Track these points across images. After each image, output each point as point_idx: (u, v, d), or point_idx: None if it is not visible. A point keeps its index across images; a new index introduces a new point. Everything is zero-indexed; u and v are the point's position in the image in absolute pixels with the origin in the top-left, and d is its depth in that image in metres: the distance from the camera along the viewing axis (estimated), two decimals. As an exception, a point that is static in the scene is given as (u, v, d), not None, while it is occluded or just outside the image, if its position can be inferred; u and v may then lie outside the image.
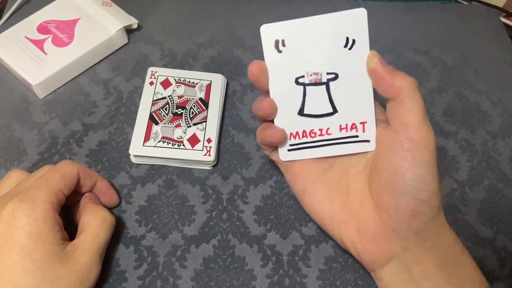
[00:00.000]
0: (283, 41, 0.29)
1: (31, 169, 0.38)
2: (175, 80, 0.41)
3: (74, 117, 0.41)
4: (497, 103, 0.45)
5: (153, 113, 0.39)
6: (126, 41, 0.47)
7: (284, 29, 0.28)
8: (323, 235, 0.36)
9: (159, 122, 0.39)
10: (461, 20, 0.52)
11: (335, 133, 0.31)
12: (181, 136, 0.38)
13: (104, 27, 0.45)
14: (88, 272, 0.29)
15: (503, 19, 0.52)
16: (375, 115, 0.30)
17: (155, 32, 0.48)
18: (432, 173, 0.26)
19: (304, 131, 0.31)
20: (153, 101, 0.40)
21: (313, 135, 0.31)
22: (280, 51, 0.29)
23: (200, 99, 0.41)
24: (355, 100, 0.30)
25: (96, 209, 0.32)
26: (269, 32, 0.29)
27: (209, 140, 0.38)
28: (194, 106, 0.40)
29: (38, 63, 0.42)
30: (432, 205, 0.27)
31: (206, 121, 0.39)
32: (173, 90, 0.41)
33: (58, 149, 0.39)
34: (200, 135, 0.39)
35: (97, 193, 0.35)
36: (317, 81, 0.29)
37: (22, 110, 0.42)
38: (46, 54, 0.42)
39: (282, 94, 0.30)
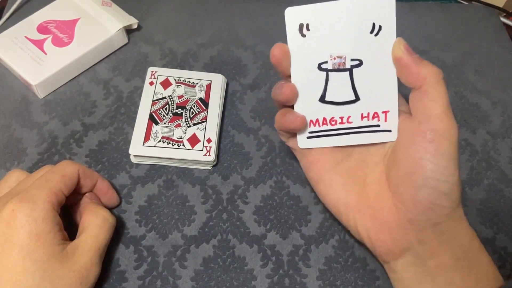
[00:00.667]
0: (307, 25, 0.28)
1: (31, 169, 0.38)
2: (175, 80, 0.41)
3: (74, 117, 0.41)
4: (497, 103, 0.45)
5: (153, 113, 0.39)
6: (126, 41, 0.47)
7: (309, 13, 0.28)
8: (323, 235, 0.36)
9: (159, 122, 0.39)
10: (461, 20, 0.52)
11: (356, 122, 0.30)
12: (181, 136, 0.38)
13: (104, 27, 0.45)
14: (88, 272, 0.29)
15: (503, 19, 0.52)
16: (399, 104, 0.29)
17: (155, 32, 0.48)
18: (453, 165, 0.26)
19: (324, 119, 0.30)
20: (153, 101, 0.40)
21: (333, 123, 0.30)
22: (304, 35, 0.28)
23: (200, 99, 0.40)
24: (379, 88, 0.29)
25: (97, 209, 0.32)
26: (293, 15, 0.28)
27: (209, 140, 0.38)
28: (194, 106, 0.40)
29: (38, 63, 0.42)
30: (452, 197, 0.26)
31: (206, 121, 0.39)
32: (173, 90, 0.41)
33: (58, 149, 0.39)
34: (200, 135, 0.38)
35: (97, 193, 0.35)
36: (341, 65, 0.29)
37: (22, 110, 0.42)
38: (46, 54, 0.42)
39: (304, 80, 0.29)
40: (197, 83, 0.41)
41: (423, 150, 0.26)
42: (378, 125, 0.30)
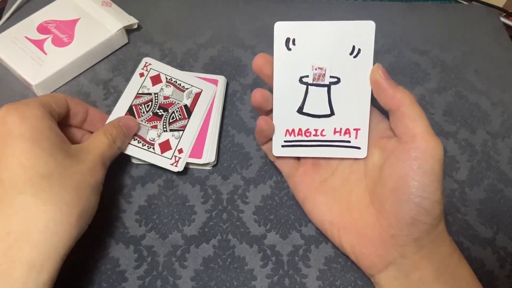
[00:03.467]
0: (293, 39, 0.30)
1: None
2: (166, 78, 0.40)
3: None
4: (497, 103, 0.45)
5: (133, 106, 0.38)
6: (126, 41, 0.47)
7: (297, 29, 0.30)
8: (323, 235, 0.36)
9: (137, 118, 0.38)
10: (461, 20, 0.52)
11: (329, 135, 0.32)
12: (153, 139, 0.37)
13: (104, 27, 0.45)
14: (94, 171, 0.30)
15: (503, 19, 0.52)
16: (383, 127, 0.31)
17: (155, 32, 0.48)
18: (436, 182, 0.27)
19: (300, 129, 0.32)
20: (137, 93, 0.39)
21: (308, 134, 0.32)
22: (289, 49, 0.30)
23: (185, 106, 0.39)
24: (353, 106, 0.31)
25: (107, 128, 0.34)
26: (282, 29, 0.30)
27: (180, 151, 0.37)
28: (176, 111, 0.38)
29: (38, 63, 0.42)
30: (433, 214, 0.27)
31: (183, 131, 0.38)
32: (161, 89, 0.39)
33: (58, 149, 0.39)
34: (173, 143, 0.37)
35: (94, 122, 0.36)
36: (320, 77, 0.30)
37: (22, 110, 0.42)
38: (46, 54, 0.42)
39: (285, 90, 0.31)
40: (187, 89, 0.40)
41: (408, 167, 0.27)
42: (349, 141, 0.32)
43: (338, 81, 0.31)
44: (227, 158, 0.40)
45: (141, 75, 0.39)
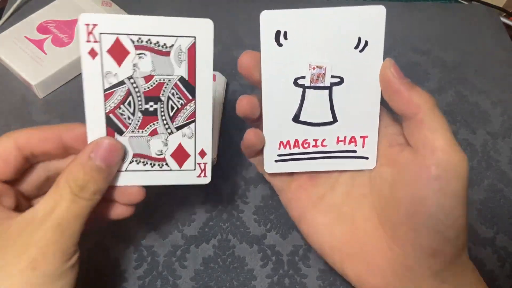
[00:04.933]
0: (285, 33, 0.25)
1: (31, 169, 0.38)
2: (132, 42, 0.24)
3: (74, 117, 0.41)
4: (497, 103, 0.45)
5: (111, 115, 0.25)
6: (126, 41, 0.46)
7: (288, 19, 0.25)
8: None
9: (124, 129, 0.25)
10: (461, 20, 0.52)
11: (331, 146, 0.27)
12: (161, 151, 0.26)
13: (104, 27, 0.44)
14: (44, 256, 0.22)
15: (503, 19, 0.52)
16: (393, 133, 0.27)
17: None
18: (461, 207, 0.23)
19: (296, 141, 0.27)
20: (104, 90, 0.25)
21: (306, 145, 0.27)
22: (280, 44, 0.25)
23: (181, 79, 0.26)
24: (359, 111, 0.26)
25: (66, 171, 0.23)
26: (270, 20, 0.25)
27: (202, 153, 0.27)
28: (173, 94, 0.26)
29: (38, 63, 0.41)
30: (457, 244, 0.23)
31: (194, 121, 0.26)
32: (134, 65, 0.25)
33: (58, 149, 0.39)
34: (189, 146, 0.27)
35: (77, 145, 0.26)
36: (320, 77, 0.26)
37: (22, 110, 0.41)
38: (45, 54, 0.42)
39: (277, 95, 0.26)
40: (172, 45, 0.25)
41: (427, 188, 0.23)
42: (355, 151, 0.27)
43: (341, 81, 0.26)
44: (227, 158, 0.39)
45: (92, 54, 0.24)
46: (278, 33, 0.25)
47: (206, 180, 0.28)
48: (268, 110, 0.26)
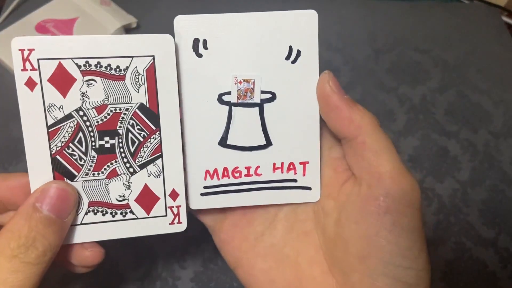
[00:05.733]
0: (205, 41, 0.22)
1: (29, 169, 0.38)
2: (79, 67, 0.21)
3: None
4: (499, 102, 0.44)
5: (58, 157, 0.21)
6: (125, 40, 0.46)
7: (208, 26, 0.22)
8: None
9: (76, 173, 0.21)
10: (462, 19, 0.51)
11: (267, 174, 0.23)
12: (123, 196, 0.22)
13: (102, 26, 0.44)
14: None
15: (504, 18, 0.52)
16: (335, 158, 0.23)
17: (154, 31, 0.47)
18: (419, 242, 0.20)
19: (225, 169, 0.23)
20: (48, 127, 0.21)
21: (237, 174, 0.23)
22: (200, 55, 0.22)
23: (141, 107, 0.22)
24: (296, 132, 0.23)
25: (6, 228, 0.19)
26: (185, 26, 0.22)
27: (173, 194, 0.23)
28: (132, 126, 0.22)
29: (37, 62, 0.41)
30: None
31: (161, 155, 0.22)
32: (83, 94, 0.21)
33: (56, 149, 0.39)
34: (156, 187, 0.22)
35: (14, 199, 0.22)
36: (248, 92, 0.22)
37: (20, 110, 0.41)
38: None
39: (200, 115, 0.22)
40: (127, 67, 0.21)
41: (378, 224, 0.19)
42: (295, 180, 0.23)
43: (273, 97, 0.22)
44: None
45: (30, 84, 0.21)
46: (196, 42, 0.22)
47: (181, 227, 0.23)
48: (190, 132, 0.22)
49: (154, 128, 0.22)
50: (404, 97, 0.44)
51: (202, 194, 0.23)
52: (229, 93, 0.22)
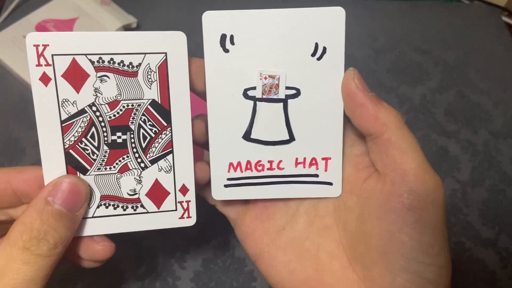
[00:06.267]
0: (232, 37, 0.22)
1: (29, 169, 0.38)
2: (92, 63, 0.21)
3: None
4: (499, 102, 0.44)
5: (71, 151, 0.22)
6: (125, 40, 0.46)
7: (235, 22, 0.22)
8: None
9: (89, 167, 0.22)
10: (462, 19, 0.51)
11: (289, 169, 0.24)
12: (134, 190, 0.23)
13: (102, 26, 0.44)
14: None
15: (504, 18, 0.52)
16: (358, 154, 0.24)
17: (154, 31, 0.48)
18: (441, 239, 0.20)
19: (248, 162, 0.24)
20: (62, 122, 0.21)
21: (260, 168, 0.24)
22: (226, 50, 0.22)
23: (153, 103, 0.22)
24: (320, 128, 0.23)
25: (18, 223, 0.20)
26: (214, 22, 0.22)
27: (184, 189, 0.23)
28: (144, 122, 0.22)
29: (37, 62, 0.41)
30: (439, 285, 0.20)
31: (172, 151, 0.23)
32: (96, 90, 0.21)
33: (56, 149, 0.39)
34: (167, 182, 0.23)
35: (28, 193, 0.22)
36: (273, 88, 0.23)
37: (20, 110, 0.41)
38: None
39: (225, 109, 0.23)
40: (140, 64, 0.22)
41: (401, 221, 0.20)
42: (317, 175, 0.24)
43: (298, 93, 0.23)
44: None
45: (44, 79, 0.21)
46: (224, 37, 0.22)
47: (191, 221, 0.24)
48: (215, 126, 0.23)
49: (165, 124, 0.22)
50: (404, 97, 0.44)
51: (226, 186, 0.24)
52: (254, 88, 0.23)
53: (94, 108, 0.21)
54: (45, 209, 0.20)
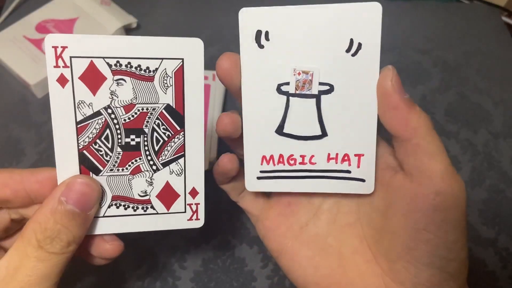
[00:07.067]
0: (267, 33, 0.22)
1: (29, 170, 0.38)
2: (109, 66, 0.21)
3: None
4: (499, 102, 0.44)
5: (85, 152, 0.22)
6: (125, 40, 0.46)
7: (271, 18, 0.22)
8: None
9: (102, 168, 0.22)
10: (462, 19, 0.51)
11: (321, 164, 0.24)
12: (145, 192, 0.23)
13: (102, 26, 0.44)
14: None
15: (504, 18, 0.52)
16: (383, 152, 0.24)
17: (154, 31, 0.48)
18: (462, 239, 0.21)
19: (281, 156, 0.24)
20: (77, 123, 0.22)
21: (292, 162, 0.24)
22: (261, 46, 0.22)
23: (168, 108, 0.23)
24: (352, 124, 0.23)
25: (31, 221, 0.20)
26: (250, 18, 0.22)
27: (193, 192, 0.24)
28: (158, 125, 0.23)
29: (36, 62, 0.41)
30: (459, 279, 0.22)
31: (184, 155, 0.23)
32: (112, 93, 0.22)
33: (56, 149, 0.39)
34: (177, 185, 0.24)
35: (41, 192, 0.23)
36: (306, 84, 0.23)
37: (20, 110, 0.41)
38: (44, 53, 0.42)
39: (259, 103, 0.23)
40: (156, 69, 0.22)
41: (428, 220, 0.21)
42: (349, 171, 0.24)
43: (331, 89, 0.23)
44: (227, 158, 0.39)
45: (62, 81, 0.21)
46: (259, 33, 0.22)
47: (199, 223, 0.24)
48: (249, 120, 0.23)
49: (178, 128, 0.23)
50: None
51: (258, 178, 0.24)
52: (287, 83, 0.23)
53: (109, 111, 0.22)
54: (58, 209, 0.20)
